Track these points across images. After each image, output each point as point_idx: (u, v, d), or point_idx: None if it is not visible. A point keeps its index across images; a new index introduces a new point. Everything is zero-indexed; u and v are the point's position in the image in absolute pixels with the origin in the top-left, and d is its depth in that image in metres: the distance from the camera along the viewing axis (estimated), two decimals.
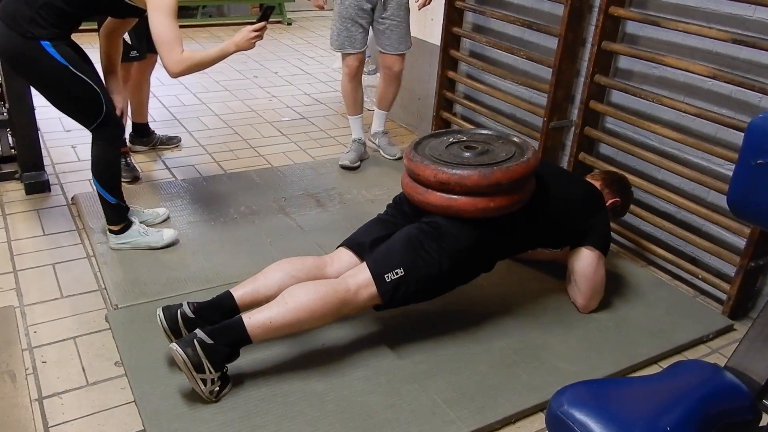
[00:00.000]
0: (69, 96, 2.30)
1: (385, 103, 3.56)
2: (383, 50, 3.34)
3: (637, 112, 2.73)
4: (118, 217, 2.52)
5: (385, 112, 3.62)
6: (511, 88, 3.33)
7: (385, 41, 3.30)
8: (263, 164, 3.50)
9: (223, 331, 1.80)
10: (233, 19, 7.10)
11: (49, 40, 2.20)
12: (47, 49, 2.19)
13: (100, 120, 2.34)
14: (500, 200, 1.98)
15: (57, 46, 2.21)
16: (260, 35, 2.39)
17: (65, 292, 2.31)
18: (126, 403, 1.85)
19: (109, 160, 2.46)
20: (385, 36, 3.28)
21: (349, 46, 3.27)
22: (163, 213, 2.80)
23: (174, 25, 2.19)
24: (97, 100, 2.31)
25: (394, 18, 3.23)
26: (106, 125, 2.37)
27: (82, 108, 2.33)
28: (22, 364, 1.95)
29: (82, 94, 2.28)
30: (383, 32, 3.27)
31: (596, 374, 2.04)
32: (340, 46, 3.28)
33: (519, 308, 2.34)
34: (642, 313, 2.37)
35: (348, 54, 3.30)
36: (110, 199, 2.47)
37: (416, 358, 2.05)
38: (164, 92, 4.54)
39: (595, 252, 2.25)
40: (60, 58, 2.21)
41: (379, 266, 1.94)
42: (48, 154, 3.37)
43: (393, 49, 3.31)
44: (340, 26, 3.24)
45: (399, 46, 3.31)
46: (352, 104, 3.48)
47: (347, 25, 3.21)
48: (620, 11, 2.63)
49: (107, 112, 2.34)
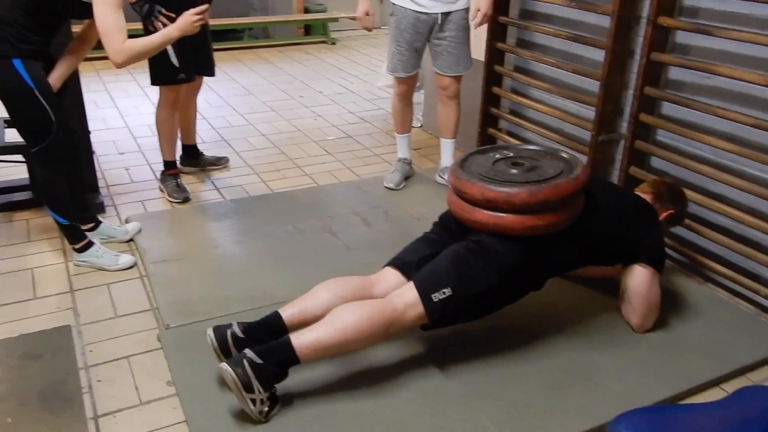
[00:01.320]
0: (25, 115, 2.38)
1: (448, 130, 3.41)
2: (438, 71, 3.24)
3: (689, 123, 2.65)
4: (73, 237, 2.61)
5: (452, 141, 3.43)
6: (558, 102, 3.29)
7: (441, 62, 3.20)
8: (309, 183, 3.53)
9: (272, 351, 1.81)
10: (279, 41, 7.24)
11: (20, 58, 2.27)
12: (17, 67, 2.27)
13: (43, 145, 2.40)
14: (549, 218, 1.94)
15: (28, 65, 2.29)
16: (203, 18, 2.46)
17: (119, 312, 2.37)
18: (177, 423, 1.87)
19: (48, 183, 2.51)
20: (441, 57, 3.18)
21: (402, 70, 3.22)
22: (132, 229, 2.86)
23: (115, 16, 2.23)
24: (47, 126, 2.37)
25: (451, 39, 3.12)
26: (48, 151, 2.43)
27: (32, 129, 2.41)
28: (79, 382, 2.00)
29: (36, 117, 2.36)
30: (440, 53, 3.17)
31: (652, 397, 1.96)
32: (393, 69, 3.24)
33: (569, 327, 2.28)
34: (701, 332, 2.28)
35: (399, 77, 3.27)
36: (60, 220, 2.56)
37: (465, 379, 2.02)
38: (213, 114, 4.65)
39: (650, 269, 2.18)
40: (28, 78, 2.29)
41: (426, 286, 1.92)
42: (102, 176, 3.48)
43: (449, 71, 3.21)
44: (393, 49, 3.19)
45: (455, 67, 3.20)
46: (400, 123, 3.45)
47: (401, 48, 3.15)
48: (669, 21, 2.57)
49: (53, 140, 2.40)
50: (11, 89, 2.32)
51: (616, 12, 2.70)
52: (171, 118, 3.21)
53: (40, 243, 2.82)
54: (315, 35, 7.46)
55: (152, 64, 3.08)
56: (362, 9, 3.17)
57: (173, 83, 3.10)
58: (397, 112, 3.42)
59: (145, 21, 2.93)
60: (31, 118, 2.37)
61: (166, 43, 2.44)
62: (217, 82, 5.14)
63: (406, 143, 3.51)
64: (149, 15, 2.90)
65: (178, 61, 3.03)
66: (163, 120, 3.20)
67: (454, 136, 3.43)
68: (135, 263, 2.66)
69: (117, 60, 2.26)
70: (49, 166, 2.48)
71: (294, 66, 6.22)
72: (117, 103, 4.84)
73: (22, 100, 2.33)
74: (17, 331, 2.23)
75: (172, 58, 3.02)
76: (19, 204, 3.10)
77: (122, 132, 4.23)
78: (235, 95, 5.16)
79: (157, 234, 2.88)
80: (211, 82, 5.36)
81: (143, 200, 3.26)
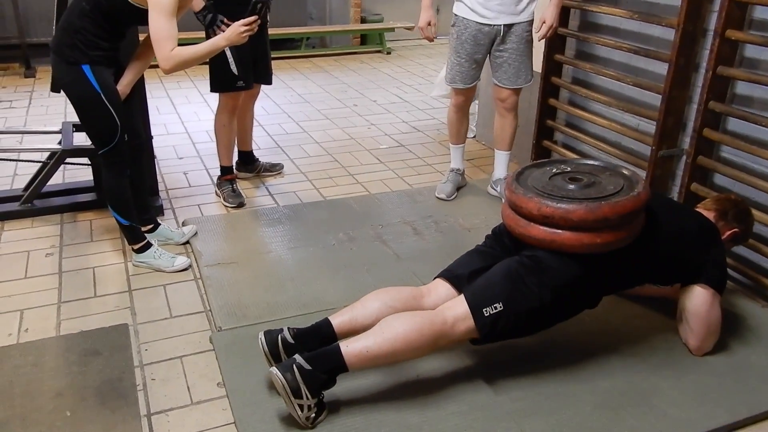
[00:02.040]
0: (92, 119, 2.49)
1: (504, 142, 3.36)
2: (498, 83, 3.19)
3: (756, 140, 2.55)
4: (133, 238, 2.69)
5: (507, 153, 3.38)
6: (616, 115, 3.22)
7: (501, 74, 3.15)
8: (361, 191, 3.55)
9: (321, 358, 1.82)
10: (335, 50, 7.33)
11: (89, 64, 2.38)
12: (86, 73, 2.38)
13: (109, 148, 2.50)
14: (607, 236, 1.89)
15: (96, 71, 2.40)
16: (251, 29, 2.49)
17: (174, 313, 2.43)
18: (227, 424, 1.90)
19: (113, 185, 2.60)
20: (501, 69, 3.13)
21: (460, 82, 3.18)
22: (188, 232, 2.93)
23: (168, 24, 2.28)
24: (113, 130, 2.47)
25: (513, 51, 3.07)
26: (113, 154, 2.52)
27: (98, 133, 2.51)
28: (134, 380, 2.06)
29: (103, 122, 2.46)
30: (500, 65, 3.13)
31: (711, 424, 1.89)
32: (452, 80, 3.21)
33: (624, 347, 2.22)
34: (763, 358, 2.18)
35: (458, 88, 3.24)
36: (122, 221, 2.64)
37: (514, 395, 1.99)
38: (269, 121, 4.73)
39: (710, 290, 2.10)
40: (96, 84, 2.40)
41: (478, 299, 1.90)
42: (162, 180, 3.58)
43: (509, 83, 3.16)
44: (453, 60, 3.16)
45: (515, 79, 3.15)
46: (455, 134, 3.43)
47: (461, 60, 3.13)
48: (738, 34, 2.49)
49: (118, 143, 2.50)
50: (80, 94, 2.43)
51: (682, 25, 2.63)
52: (229, 124, 3.28)
53: (102, 243, 2.92)
54: (371, 45, 7.52)
55: (212, 72, 3.16)
56: (425, 19, 3.14)
57: (232, 90, 3.17)
58: (452, 122, 3.40)
59: (208, 30, 3.01)
60: (97, 122, 2.48)
61: (213, 52, 2.50)
62: (273, 90, 5.24)
63: (460, 154, 3.49)
64: (212, 24, 2.98)
65: (237, 69, 3.10)
66: (222, 126, 3.28)
67: (510, 148, 3.38)
68: (190, 265, 2.72)
69: (165, 66, 2.33)
70: (115, 168, 2.57)
71: (349, 75, 6.29)
72: (178, 109, 4.99)
73: (90, 105, 2.44)
74: (78, 328, 2.32)
75: (232, 66, 3.09)
76: (83, 205, 3.22)
77: (182, 137, 4.35)
78: (291, 103, 5.25)
79: (212, 238, 2.95)
80: (268, 90, 5.47)
81: (200, 204, 3.34)
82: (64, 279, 2.64)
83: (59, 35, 2.41)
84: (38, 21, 6.03)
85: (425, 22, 3.13)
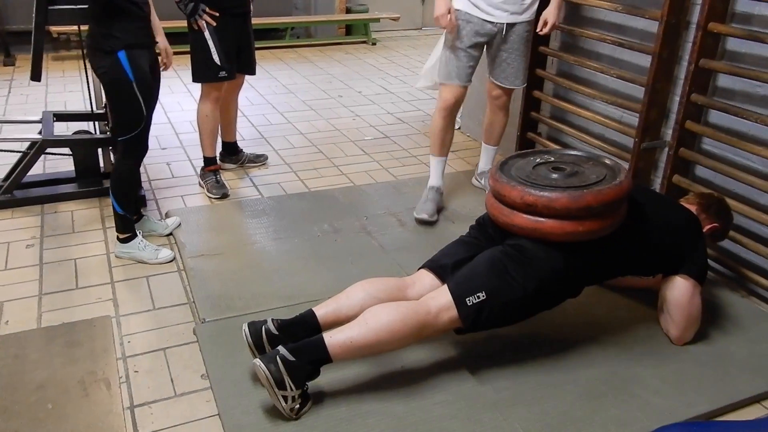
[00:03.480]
0: (119, 106, 2.52)
1: (493, 136, 3.29)
2: (495, 80, 3.09)
3: (738, 132, 2.58)
4: (123, 227, 2.68)
5: (495, 148, 3.33)
6: (600, 107, 3.23)
7: (500, 73, 3.05)
8: (346, 183, 3.54)
9: (305, 349, 1.82)
10: (320, 40, 7.29)
11: (124, 49, 2.39)
12: (122, 60, 2.39)
13: (130, 136, 2.51)
14: (590, 224, 1.91)
15: (131, 58, 2.41)
16: None
17: (157, 305, 2.41)
18: (211, 416, 1.89)
19: (123, 173, 2.62)
20: (500, 68, 3.03)
21: (457, 78, 2.96)
22: (172, 223, 2.92)
23: None
24: (138, 119, 2.50)
25: (513, 51, 2.97)
26: (132, 143, 2.54)
27: (123, 119, 2.52)
28: (117, 372, 2.04)
29: (129, 110, 2.49)
30: (499, 64, 3.02)
31: (691, 412, 1.91)
32: (447, 77, 2.98)
33: (607, 337, 2.24)
34: (743, 347, 2.21)
35: (450, 85, 3.00)
36: (117, 209, 2.64)
37: (498, 385, 2.00)
38: (253, 112, 4.70)
39: (691, 281, 2.12)
40: (129, 72, 2.41)
41: (461, 289, 1.91)
42: (145, 171, 3.55)
43: (507, 83, 3.07)
44: (450, 56, 2.95)
45: (514, 80, 3.06)
46: (439, 144, 3.12)
47: (459, 55, 2.93)
48: (721, 27, 2.50)
49: (140, 132, 2.52)
50: (113, 80, 2.45)
51: (665, 17, 2.64)
52: (212, 115, 3.25)
53: (84, 234, 2.89)
54: (356, 35, 7.49)
55: (195, 61, 3.13)
56: (443, 6, 2.82)
57: (215, 81, 3.14)
58: (438, 130, 3.09)
59: (190, 19, 2.98)
60: (125, 109, 2.50)
61: None
62: (258, 80, 5.20)
63: (441, 170, 3.18)
64: (194, 13, 2.95)
65: (220, 59, 3.07)
66: (204, 117, 3.25)
67: (498, 143, 3.33)
68: (174, 258, 2.70)
69: None
70: (132, 156, 2.59)
71: (334, 66, 6.26)
72: (161, 99, 4.91)
73: (120, 92, 2.46)
74: (60, 320, 2.29)
75: (215, 55, 3.06)
76: (64, 195, 3.18)
77: (165, 128, 4.30)
78: (276, 94, 5.21)
79: (196, 229, 2.93)
80: (252, 81, 5.42)
81: (183, 195, 3.32)
82: (45, 270, 2.61)
83: (91, 27, 2.45)
84: (18, 8, 5.92)
85: (445, 9, 2.81)
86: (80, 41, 3.57)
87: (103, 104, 3.15)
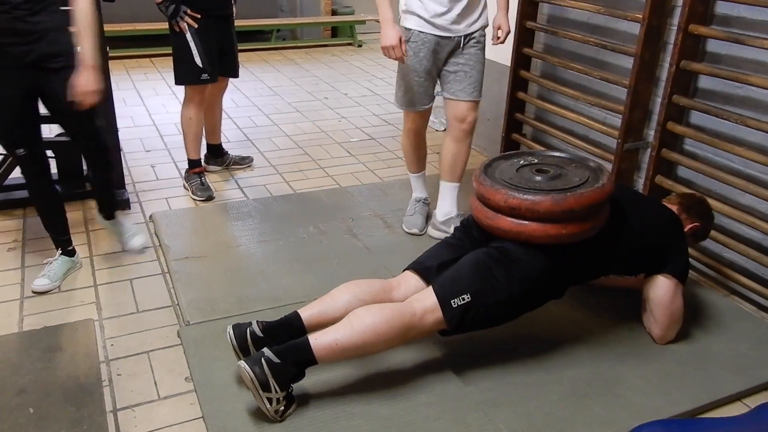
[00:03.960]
0: None
1: (454, 172, 2.85)
2: (454, 97, 2.72)
3: (719, 133, 2.61)
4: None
5: (457, 185, 2.89)
6: (584, 108, 3.26)
7: (456, 86, 2.70)
8: (332, 185, 3.54)
9: (290, 350, 1.81)
10: (306, 42, 7.28)
11: None
12: None
13: None
14: (573, 227, 1.92)
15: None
16: None
17: (141, 307, 2.40)
18: (195, 419, 1.88)
19: None
20: (457, 81, 2.70)
21: (419, 104, 2.75)
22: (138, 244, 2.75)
23: None
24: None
25: (470, 59, 2.69)
26: None
27: None
28: (99, 376, 2.02)
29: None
30: (456, 77, 2.70)
31: (674, 410, 1.93)
32: (409, 103, 2.76)
33: (591, 337, 2.26)
34: (724, 346, 2.23)
35: (414, 112, 2.80)
36: None
37: (483, 385, 2.01)
38: (239, 114, 4.68)
39: (673, 280, 2.14)
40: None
41: (446, 291, 1.92)
42: (129, 173, 3.53)
43: (466, 95, 2.71)
44: (411, 80, 2.70)
45: (472, 91, 2.72)
46: (415, 161, 2.98)
47: (420, 79, 2.69)
48: (701, 29, 2.53)
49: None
50: None
51: (647, 19, 2.67)
52: (196, 117, 3.24)
53: None
54: (342, 37, 7.49)
55: (176, 64, 3.12)
56: (394, 36, 2.50)
57: (197, 83, 3.13)
58: (411, 149, 2.94)
59: (171, 21, 2.97)
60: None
61: None
62: (243, 82, 5.19)
63: (422, 182, 3.05)
64: (175, 15, 2.93)
65: (202, 62, 3.06)
66: (188, 119, 3.23)
67: (461, 179, 2.90)
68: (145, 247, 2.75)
69: None
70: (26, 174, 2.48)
71: (320, 68, 6.25)
72: (145, 101, 4.91)
73: None
74: (41, 324, 2.27)
75: (197, 58, 3.05)
76: None
77: (149, 130, 4.28)
78: (261, 96, 5.20)
79: (180, 231, 2.91)
80: (237, 83, 5.40)
81: (168, 197, 3.30)
82: (27, 274, 2.58)
83: None
84: None
85: (396, 38, 2.50)
86: None
87: None
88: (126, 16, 6.14)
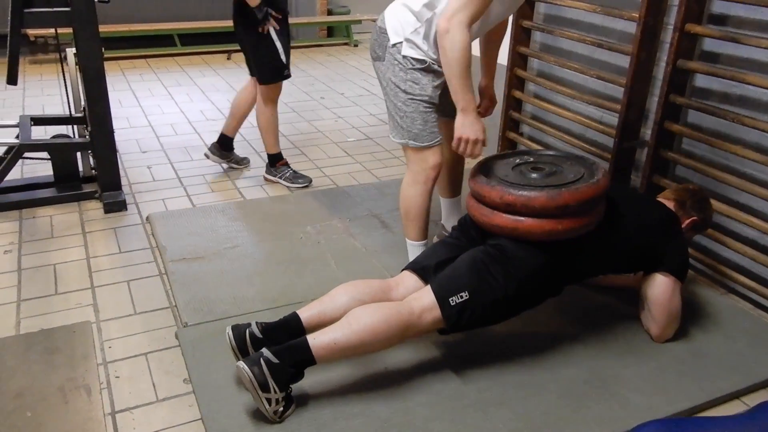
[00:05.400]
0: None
1: (457, 186, 2.77)
2: (449, 116, 2.30)
3: (715, 132, 2.61)
4: None
5: (458, 198, 2.79)
6: (581, 107, 3.26)
7: (448, 102, 2.27)
8: (329, 184, 3.54)
9: (289, 351, 1.81)
10: (302, 42, 7.27)
11: None
12: None
13: None
14: (568, 223, 1.93)
15: None
16: None
17: (138, 309, 2.39)
18: (194, 420, 1.88)
19: None
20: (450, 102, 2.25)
21: (439, 134, 2.35)
22: None
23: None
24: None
25: None
26: None
27: None
28: (97, 378, 2.02)
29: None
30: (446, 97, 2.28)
31: (671, 409, 1.93)
32: (429, 137, 2.32)
33: (588, 336, 2.26)
34: (722, 344, 2.24)
35: (433, 146, 2.34)
36: None
37: (481, 385, 2.01)
38: None
39: (671, 278, 2.15)
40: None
41: (444, 290, 1.92)
42: (125, 175, 3.52)
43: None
44: (427, 113, 2.31)
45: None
46: (424, 227, 2.47)
47: (432, 108, 2.33)
48: (697, 28, 2.54)
49: None
50: None
51: (643, 18, 2.67)
52: (275, 113, 3.36)
53: (63, 239, 2.86)
54: (338, 37, 7.48)
55: (262, 65, 3.23)
56: (482, 127, 2.21)
57: (281, 80, 3.27)
58: (423, 210, 2.42)
59: (261, 24, 3.06)
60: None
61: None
62: (239, 82, 5.17)
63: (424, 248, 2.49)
64: (266, 18, 3.06)
65: (286, 60, 3.20)
66: (270, 116, 3.35)
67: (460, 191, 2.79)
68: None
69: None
70: None
71: (316, 68, 6.25)
72: (141, 102, 4.89)
73: None
74: (38, 326, 2.26)
75: (282, 56, 3.18)
76: (43, 200, 3.14)
77: (145, 131, 4.27)
78: None
79: (177, 232, 2.91)
80: (234, 83, 5.41)
81: (164, 198, 3.29)
82: (23, 276, 2.57)
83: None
84: None
85: (484, 133, 2.20)
86: (58, 44, 3.54)
87: (81, 108, 3.12)
88: (121, 17, 6.14)
